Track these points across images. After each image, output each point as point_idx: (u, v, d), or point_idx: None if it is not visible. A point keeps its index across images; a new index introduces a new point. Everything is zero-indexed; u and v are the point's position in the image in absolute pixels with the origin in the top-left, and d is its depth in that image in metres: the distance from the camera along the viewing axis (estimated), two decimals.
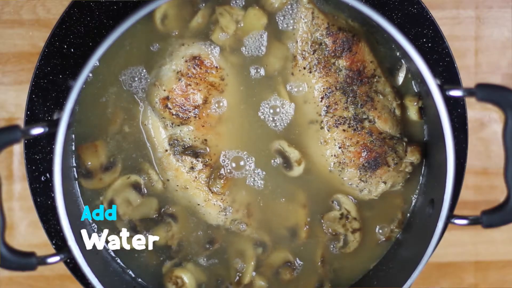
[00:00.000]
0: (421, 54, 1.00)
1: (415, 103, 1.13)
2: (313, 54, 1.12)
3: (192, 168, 1.13)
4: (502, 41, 1.23)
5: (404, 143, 1.13)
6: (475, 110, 1.22)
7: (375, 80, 1.12)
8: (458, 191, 1.14)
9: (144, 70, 1.11)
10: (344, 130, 1.12)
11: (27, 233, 1.23)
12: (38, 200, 1.15)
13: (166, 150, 1.13)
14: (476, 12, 1.22)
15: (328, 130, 1.13)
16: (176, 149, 1.13)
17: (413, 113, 1.13)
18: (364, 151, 1.13)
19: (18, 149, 1.21)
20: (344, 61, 1.11)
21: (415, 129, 1.15)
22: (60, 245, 1.14)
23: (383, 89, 1.13)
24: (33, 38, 1.20)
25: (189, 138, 1.13)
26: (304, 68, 1.12)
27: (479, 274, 1.27)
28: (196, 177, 1.13)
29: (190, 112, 1.11)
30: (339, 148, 1.13)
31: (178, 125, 1.12)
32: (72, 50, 1.14)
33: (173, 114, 1.11)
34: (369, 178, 1.13)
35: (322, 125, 1.13)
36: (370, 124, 1.13)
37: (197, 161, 1.13)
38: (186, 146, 1.13)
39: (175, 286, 1.15)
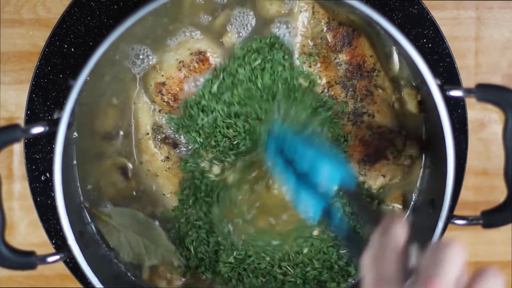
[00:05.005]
0: (421, 55, 1.00)
1: (414, 97, 1.13)
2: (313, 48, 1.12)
3: (168, 157, 1.13)
4: (503, 41, 1.23)
5: (403, 137, 1.14)
6: (475, 111, 1.22)
7: (374, 74, 1.13)
8: (458, 192, 1.14)
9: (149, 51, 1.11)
10: (343, 125, 1.12)
11: (27, 232, 1.23)
12: (38, 199, 1.15)
13: (148, 133, 1.12)
14: (477, 12, 1.22)
15: None
16: (157, 135, 1.12)
17: (412, 106, 1.13)
18: (363, 145, 1.13)
19: (18, 148, 1.21)
20: (344, 55, 1.12)
21: (415, 124, 1.14)
22: (60, 244, 1.14)
23: (382, 83, 1.13)
24: (33, 38, 1.20)
25: (172, 128, 1.12)
26: (304, 62, 1.12)
27: None
28: (169, 168, 1.13)
29: (181, 103, 1.11)
30: None
31: (166, 113, 1.12)
32: (72, 49, 1.14)
33: (164, 101, 1.11)
34: (368, 171, 1.13)
35: None
36: (369, 118, 1.13)
37: (175, 152, 1.13)
38: (167, 135, 1.13)
39: (166, 281, 1.15)
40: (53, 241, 1.15)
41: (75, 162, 1.12)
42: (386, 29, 0.99)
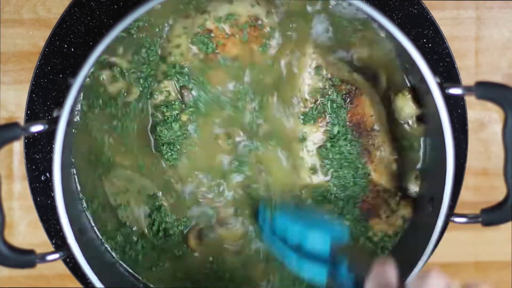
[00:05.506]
0: (421, 55, 1.00)
1: (407, 94, 1.11)
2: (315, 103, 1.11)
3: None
4: (503, 41, 1.23)
5: (398, 198, 1.14)
6: (475, 111, 1.22)
7: (373, 133, 1.12)
8: (458, 192, 1.14)
9: None
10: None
11: (27, 232, 1.23)
12: (38, 199, 1.15)
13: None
14: (477, 12, 1.23)
15: None
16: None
17: (409, 106, 1.11)
18: (358, 202, 1.13)
19: (18, 148, 1.21)
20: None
21: (410, 181, 1.15)
22: (60, 244, 1.14)
23: (381, 143, 1.13)
24: (33, 38, 1.20)
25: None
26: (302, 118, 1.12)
27: (479, 275, 1.27)
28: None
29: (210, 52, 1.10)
30: None
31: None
32: (72, 49, 1.14)
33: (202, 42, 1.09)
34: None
35: None
36: (365, 176, 1.13)
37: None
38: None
39: None
40: (53, 241, 1.15)
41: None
42: (386, 27, 0.99)
